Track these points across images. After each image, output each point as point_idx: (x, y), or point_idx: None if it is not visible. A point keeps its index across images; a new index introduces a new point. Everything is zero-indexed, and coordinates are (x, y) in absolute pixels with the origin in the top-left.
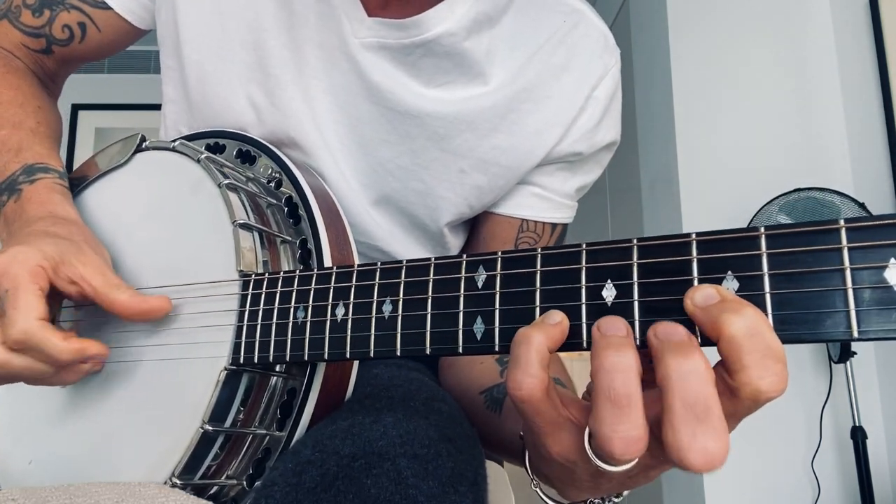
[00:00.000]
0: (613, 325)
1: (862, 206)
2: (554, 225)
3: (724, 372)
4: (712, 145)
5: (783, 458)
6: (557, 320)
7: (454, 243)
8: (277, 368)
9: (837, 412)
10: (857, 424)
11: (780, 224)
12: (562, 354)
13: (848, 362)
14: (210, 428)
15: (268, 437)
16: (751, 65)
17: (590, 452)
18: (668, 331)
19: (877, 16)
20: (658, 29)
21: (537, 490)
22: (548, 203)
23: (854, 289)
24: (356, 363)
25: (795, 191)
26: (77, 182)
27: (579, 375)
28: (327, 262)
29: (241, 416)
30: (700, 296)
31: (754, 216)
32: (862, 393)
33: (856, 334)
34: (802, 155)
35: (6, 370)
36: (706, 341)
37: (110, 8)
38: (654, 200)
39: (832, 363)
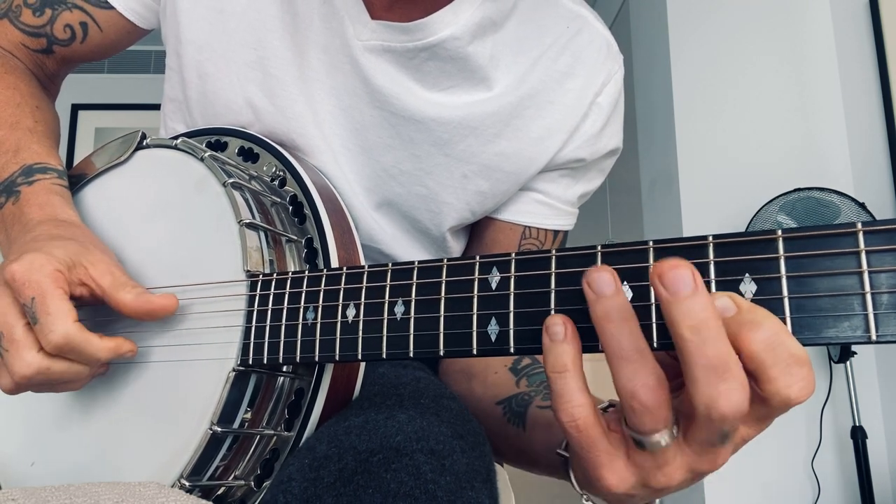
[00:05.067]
0: (603, 281)
1: (862, 206)
2: (556, 232)
3: (753, 381)
4: (712, 145)
5: (783, 458)
6: (562, 332)
7: (456, 248)
8: (285, 369)
9: (837, 412)
10: (857, 424)
11: (798, 227)
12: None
13: (848, 362)
14: (219, 429)
15: (275, 438)
16: (751, 65)
17: (625, 427)
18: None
19: (877, 16)
20: (658, 29)
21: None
22: (550, 210)
23: (872, 292)
24: (364, 363)
25: (795, 191)
26: (76, 180)
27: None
28: (334, 262)
29: (248, 416)
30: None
31: (754, 216)
32: (862, 393)
33: (874, 337)
34: (802, 155)
35: (46, 376)
36: None
37: (113, 8)
38: (654, 200)
39: (832, 363)
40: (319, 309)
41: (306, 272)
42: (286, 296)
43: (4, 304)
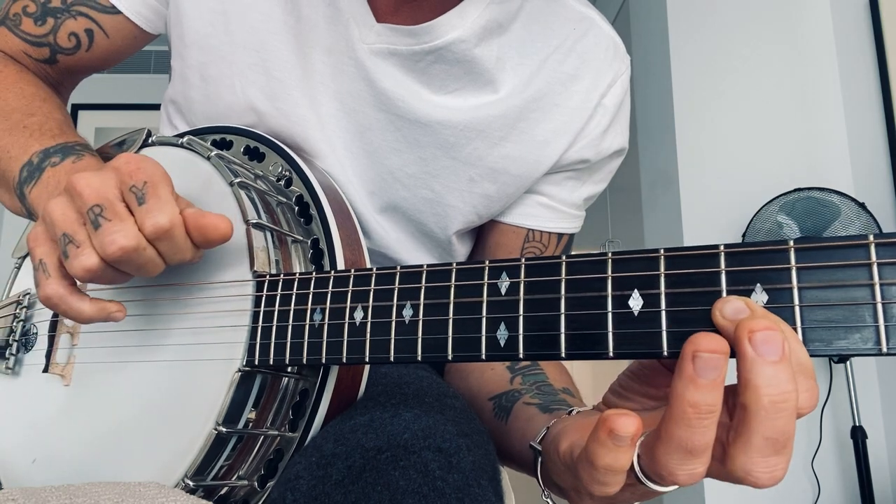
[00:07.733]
0: (712, 364)
1: (862, 206)
2: (560, 235)
3: None
4: (712, 145)
5: None
6: (629, 438)
7: (461, 251)
8: (289, 369)
9: (837, 412)
10: (857, 424)
11: (809, 237)
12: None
13: (848, 362)
14: (224, 429)
15: (279, 438)
16: (751, 65)
17: (640, 473)
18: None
19: (877, 16)
20: (658, 29)
21: (548, 500)
22: (554, 213)
23: (883, 304)
24: (368, 365)
25: (795, 191)
26: None
27: (579, 376)
28: (340, 263)
29: (253, 416)
30: (730, 308)
31: (754, 216)
32: (862, 393)
33: (885, 349)
34: (802, 155)
35: (137, 256)
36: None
37: (119, 12)
38: (654, 200)
39: (832, 363)
40: (327, 311)
41: (314, 273)
42: (293, 297)
43: (101, 180)
